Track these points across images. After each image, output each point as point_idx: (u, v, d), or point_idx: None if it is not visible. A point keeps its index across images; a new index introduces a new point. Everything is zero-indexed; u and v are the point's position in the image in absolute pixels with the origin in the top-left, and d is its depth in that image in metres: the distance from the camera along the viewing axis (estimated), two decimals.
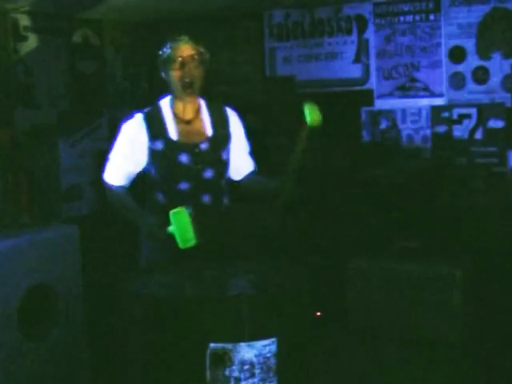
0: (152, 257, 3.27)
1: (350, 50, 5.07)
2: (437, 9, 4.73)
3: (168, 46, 3.23)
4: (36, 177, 4.66)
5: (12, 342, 3.55)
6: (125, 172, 3.28)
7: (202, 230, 2.89)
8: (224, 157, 3.28)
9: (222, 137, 3.27)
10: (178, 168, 3.20)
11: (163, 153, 3.20)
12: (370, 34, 4.98)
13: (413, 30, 4.81)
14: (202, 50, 3.24)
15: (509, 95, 4.52)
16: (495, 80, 4.56)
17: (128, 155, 3.25)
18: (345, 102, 5.04)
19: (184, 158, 3.20)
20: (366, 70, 5.01)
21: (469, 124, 4.66)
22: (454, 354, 3.61)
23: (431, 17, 4.75)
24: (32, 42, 4.81)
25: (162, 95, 3.34)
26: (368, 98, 5.00)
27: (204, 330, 2.48)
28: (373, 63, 4.99)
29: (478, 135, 4.64)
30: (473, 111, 4.64)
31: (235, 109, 3.41)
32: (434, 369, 3.62)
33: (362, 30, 5.01)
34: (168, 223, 2.90)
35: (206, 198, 3.23)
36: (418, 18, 4.80)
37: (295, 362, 2.63)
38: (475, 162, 4.64)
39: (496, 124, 4.57)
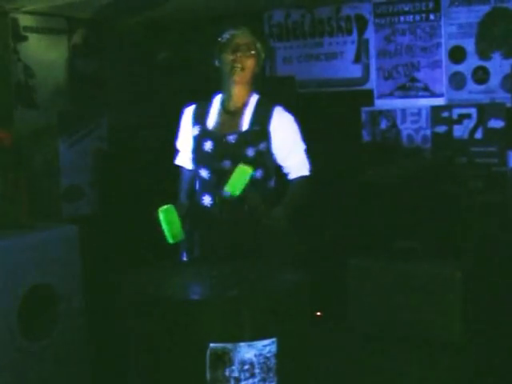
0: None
1: (350, 50, 5.07)
2: (437, 9, 4.73)
3: (227, 33, 3.32)
4: (36, 177, 4.66)
5: (12, 341, 3.55)
6: (187, 156, 3.46)
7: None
8: (249, 153, 3.24)
9: (254, 134, 3.27)
10: (200, 154, 3.31)
11: (196, 139, 3.34)
12: (370, 33, 4.98)
13: (413, 30, 4.81)
14: (258, 43, 3.33)
15: (509, 95, 4.52)
16: (495, 80, 4.56)
17: (184, 140, 3.45)
18: (345, 102, 5.04)
19: (207, 146, 3.29)
20: (366, 70, 5.01)
21: (469, 124, 4.66)
22: (454, 354, 3.61)
23: (431, 17, 4.75)
24: (32, 41, 4.81)
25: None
26: (368, 97, 5.00)
27: (204, 330, 2.48)
28: (373, 63, 4.98)
29: (478, 135, 4.63)
30: (473, 111, 4.64)
31: None
32: (434, 369, 3.62)
33: (362, 30, 5.01)
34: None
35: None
36: (417, 17, 4.80)
37: (295, 362, 2.63)
38: (475, 162, 4.64)
39: (496, 124, 4.57)
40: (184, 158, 3.50)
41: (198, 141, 3.32)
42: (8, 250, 3.58)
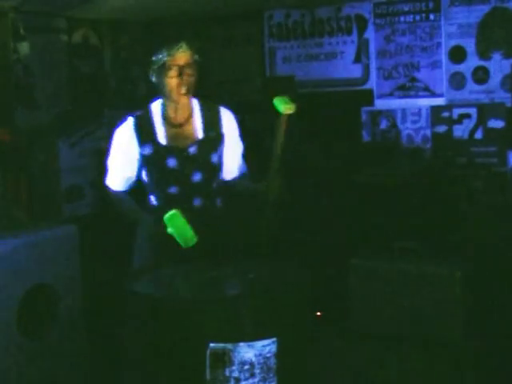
0: (147, 258, 3.28)
1: (350, 50, 5.07)
2: (437, 9, 4.73)
3: (164, 54, 3.16)
4: (36, 177, 4.66)
5: (12, 341, 3.55)
6: (123, 177, 3.32)
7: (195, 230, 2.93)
8: (214, 160, 3.25)
9: (212, 139, 3.25)
10: (166, 173, 3.20)
11: (152, 157, 3.20)
12: (370, 33, 4.98)
13: (413, 30, 4.81)
14: (195, 55, 3.21)
15: (509, 95, 4.52)
16: (495, 80, 4.56)
17: (123, 161, 3.28)
18: (345, 102, 5.04)
19: (172, 163, 3.19)
20: (366, 70, 5.01)
21: (469, 124, 4.66)
22: (454, 354, 3.61)
23: (431, 17, 4.75)
24: (32, 42, 4.81)
25: (154, 98, 3.33)
26: (368, 98, 5.00)
27: (204, 330, 2.49)
28: (373, 63, 4.98)
29: (478, 135, 4.63)
30: (473, 111, 4.64)
31: (233, 109, 3.41)
32: (434, 369, 3.62)
33: (362, 30, 5.01)
34: (163, 222, 2.93)
35: (197, 202, 3.22)
36: (418, 17, 4.80)
37: (295, 362, 2.63)
38: (475, 162, 4.64)
39: (496, 124, 4.57)
40: (117, 180, 3.32)
41: (156, 159, 3.19)
42: (8, 250, 3.58)
